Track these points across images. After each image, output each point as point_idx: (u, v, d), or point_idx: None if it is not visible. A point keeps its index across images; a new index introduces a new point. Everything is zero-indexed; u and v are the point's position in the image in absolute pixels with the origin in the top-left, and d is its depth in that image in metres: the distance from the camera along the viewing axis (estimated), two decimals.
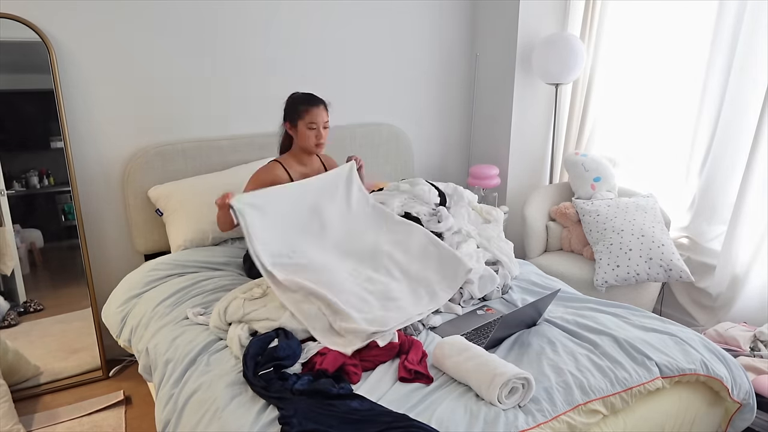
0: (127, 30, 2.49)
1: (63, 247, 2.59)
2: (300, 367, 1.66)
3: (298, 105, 2.21)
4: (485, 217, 2.58)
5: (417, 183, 2.57)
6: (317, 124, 2.19)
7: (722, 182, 2.68)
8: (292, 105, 2.24)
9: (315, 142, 2.21)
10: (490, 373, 1.48)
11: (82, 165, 2.52)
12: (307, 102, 2.20)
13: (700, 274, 2.79)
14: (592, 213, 2.80)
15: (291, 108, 2.24)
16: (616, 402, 1.54)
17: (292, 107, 2.24)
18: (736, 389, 1.75)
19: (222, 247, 2.51)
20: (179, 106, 2.69)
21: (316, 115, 2.19)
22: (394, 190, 2.55)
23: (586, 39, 3.12)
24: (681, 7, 2.74)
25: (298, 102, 2.22)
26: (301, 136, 2.22)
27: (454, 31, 3.42)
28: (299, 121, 2.20)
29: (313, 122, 2.19)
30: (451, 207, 2.52)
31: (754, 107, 2.50)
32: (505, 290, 2.20)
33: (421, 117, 3.46)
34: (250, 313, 1.80)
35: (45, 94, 2.37)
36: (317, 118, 2.19)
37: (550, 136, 3.48)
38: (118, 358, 2.72)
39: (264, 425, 1.40)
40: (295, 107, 2.22)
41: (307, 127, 2.19)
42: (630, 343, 1.71)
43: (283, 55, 2.89)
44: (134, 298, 2.22)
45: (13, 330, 2.49)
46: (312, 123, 2.19)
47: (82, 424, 2.26)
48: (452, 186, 2.62)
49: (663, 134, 2.94)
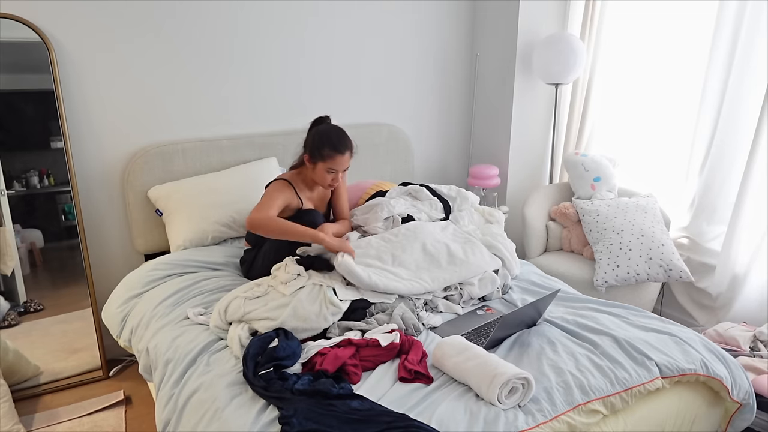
0: (128, 30, 2.49)
1: (63, 247, 2.59)
2: (300, 367, 1.66)
3: (324, 147, 2.07)
4: (487, 218, 2.59)
5: (420, 196, 2.55)
6: (337, 170, 2.11)
7: (722, 182, 2.68)
8: (318, 142, 2.09)
9: (329, 184, 2.14)
10: (490, 373, 1.48)
11: (82, 165, 2.52)
12: (333, 147, 2.07)
13: (700, 274, 2.79)
14: (592, 213, 2.80)
15: (316, 145, 2.10)
16: (616, 402, 1.54)
17: (317, 145, 2.10)
18: (736, 389, 1.75)
19: (221, 246, 2.51)
20: (179, 106, 2.69)
21: (339, 163, 2.09)
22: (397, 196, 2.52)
23: (586, 39, 3.12)
24: (681, 7, 2.74)
25: (325, 143, 2.08)
26: (317, 175, 2.14)
27: (454, 31, 3.42)
28: (320, 162, 2.10)
29: (333, 168, 2.10)
30: (455, 211, 2.53)
31: (754, 107, 2.50)
32: (505, 290, 2.20)
33: (421, 117, 3.46)
34: (250, 313, 1.80)
35: (45, 94, 2.37)
36: (339, 166, 2.10)
37: (550, 136, 3.48)
38: (118, 358, 2.72)
39: (264, 425, 1.40)
40: (320, 147, 2.08)
41: (327, 170, 2.11)
42: (630, 343, 1.71)
43: (284, 55, 2.89)
44: (134, 298, 2.22)
45: (13, 330, 2.49)
46: (332, 168, 2.10)
47: (82, 424, 2.27)
48: (455, 189, 2.61)
49: (663, 134, 2.94)
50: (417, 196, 2.55)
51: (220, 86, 2.77)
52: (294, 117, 3.00)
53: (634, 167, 3.14)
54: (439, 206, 2.51)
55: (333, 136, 2.11)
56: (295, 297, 1.82)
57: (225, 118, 2.82)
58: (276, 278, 1.93)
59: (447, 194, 2.59)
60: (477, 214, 2.58)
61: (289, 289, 1.85)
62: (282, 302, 1.81)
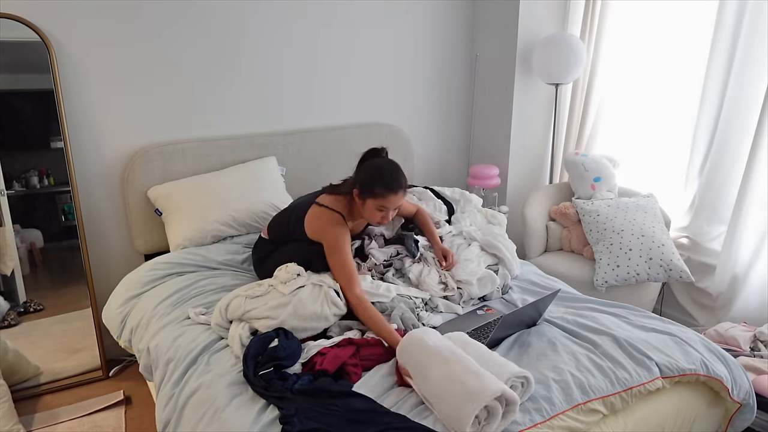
0: (128, 30, 2.49)
1: (63, 247, 2.59)
2: (300, 367, 1.66)
3: (376, 185, 1.93)
4: (490, 219, 2.61)
5: (424, 198, 2.56)
6: (388, 209, 1.97)
7: (722, 182, 2.68)
8: (371, 181, 1.95)
9: (378, 221, 2.01)
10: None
11: (82, 165, 2.52)
12: (387, 186, 1.92)
13: (700, 274, 2.79)
14: (592, 213, 2.80)
15: (369, 182, 1.95)
16: (616, 402, 1.54)
17: (370, 182, 1.95)
18: (736, 389, 1.75)
19: (221, 246, 2.51)
20: (179, 106, 2.69)
21: (392, 203, 1.95)
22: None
23: (586, 39, 3.12)
24: (681, 7, 2.74)
25: (379, 181, 1.93)
26: (366, 211, 2.00)
27: (454, 31, 3.42)
28: (371, 199, 1.95)
29: (384, 206, 1.96)
30: (458, 213, 2.55)
31: (754, 107, 2.50)
32: (505, 290, 2.20)
33: (421, 117, 3.46)
34: (251, 311, 1.80)
35: (45, 94, 2.37)
36: (392, 205, 1.96)
37: (550, 136, 3.48)
38: (118, 358, 2.72)
39: (264, 425, 1.40)
40: (372, 184, 1.94)
41: (377, 208, 1.97)
42: (630, 343, 1.71)
43: (284, 55, 2.89)
44: (134, 298, 2.22)
45: (13, 330, 2.49)
46: (383, 207, 1.96)
47: (82, 424, 2.26)
48: (459, 191, 2.64)
49: (663, 134, 2.94)
50: (421, 198, 2.58)
51: (219, 86, 2.77)
52: (294, 117, 3.00)
53: (634, 167, 3.14)
54: (443, 208, 2.54)
55: (386, 174, 1.95)
56: (295, 296, 1.82)
57: (225, 118, 2.82)
58: (276, 278, 1.93)
59: (450, 197, 2.62)
60: (480, 215, 2.59)
61: (288, 288, 1.85)
62: (282, 301, 1.81)
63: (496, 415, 1.35)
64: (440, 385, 1.41)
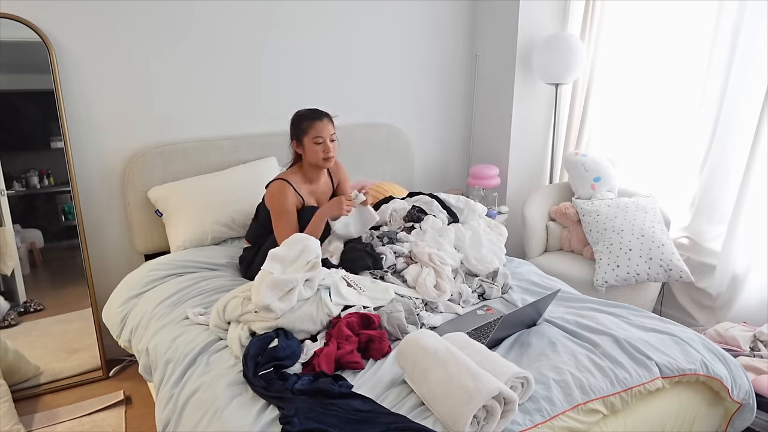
0: (128, 30, 2.49)
1: (63, 247, 2.59)
2: (300, 367, 1.66)
3: (302, 121, 2.18)
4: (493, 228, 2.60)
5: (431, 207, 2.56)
6: (323, 137, 2.16)
7: (722, 182, 2.68)
8: (297, 122, 2.21)
9: (323, 156, 2.18)
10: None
11: (82, 165, 2.52)
12: (310, 117, 2.17)
13: (700, 274, 2.79)
14: (592, 213, 2.80)
15: (296, 125, 2.21)
16: (616, 402, 1.54)
17: (296, 125, 2.21)
18: (736, 389, 1.75)
19: (221, 246, 2.51)
20: (179, 106, 2.69)
21: (321, 129, 2.16)
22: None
23: (586, 39, 3.12)
24: (681, 7, 2.74)
25: (302, 118, 2.19)
26: (308, 152, 2.19)
27: (454, 31, 3.42)
28: (305, 137, 2.18)
29: (318, 136, 2.15)
30: (463, 222, 2.55)
31: (754, 107, 2.50)
32: (505, 290, 2.20)
33: (421, 117, 3.46)
34: (248, 313, 1.80)
35: (45, 94, 2.37)
36: (323, 132, 2.16)
37: (550, 136, 3.48)
38: (118, 358, 2.72)
39: (265, 425, 1.40)
40: (299, 124, 2.19)
41: (314, 142, 2.16)
42: (630, 343, 1.71)
43: (284, 55, 2.89)
44: (134, 298, 2.22)
45: (13, 330, 2.49)
46: (318, 137, 2.15)
47: (82, 424, 2.27)
48: (464, 200, 2.64)
49: (663, 134, 2.94)
50: (429, 207, 2.57)
51: (220, 86, 2.77)
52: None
53: (634, 167, 3.13)
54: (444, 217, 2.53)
55: (307, 111, 2.21)
56: None
57: (225, 118, 2.82)
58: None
59: (455, 205, 2.61)
60: (483, 224, 2.58)
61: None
62: None
63: (495, 414, 1.35)
64: (439, 386, 1.41)
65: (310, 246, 1.88)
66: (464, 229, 2.42)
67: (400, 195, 2.73)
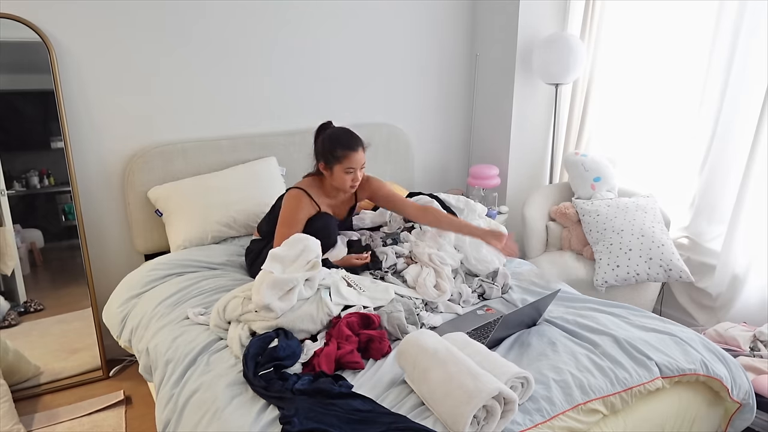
0: (128, 30, 2.49)
1: (63, 247, 2.59)
2: (300, 367, 1.66)
3: (336, 148, 2.05)
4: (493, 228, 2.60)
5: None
6: (355, 168, 2.07)
7: (722, 182, 2.68)
8: (329, 146, 2.07)
9: (350, 185, 2.11)
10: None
11: (82, 165, 2.52)
12: (346, 146, 2.05)
13: (700, 274, 2.79)
14: (592, 213, 2.80)
15: (327, 149, 2.08)
16: (616, 402, 1.54)
17: (328, 148, 2.07)
18: (736, 389, 1.75)
19: (222, 246, 2.51)
20: (179, 106, 2.69)
21: (356, 161, 2.06)
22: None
23: (586, 39, 3.12)
24: (681, 7, 2.74)
25: (336, 144, 2.06)
26: (336, 179, 2.11)
27: (454, 31, 3.42)
28: (336, 164, 2.07)
29: (351, 167, 2.06)
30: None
31: (754, 107, 2.50)
32: (505, 290, 2.20)
33: (421, 117, 3.46)
34: (248, 313, 1.80)
35: (45, 94, 2.37)
36: (357, 163, 2.06)
37: (550, 136, 3.48)
38: (118, 358, 2.72)
39: (265, 425, 1.40)
40: (332, 150, 2.06)
41: (345, 171, 2.07)
42: (630, 343, 1.71)
43: (284, 55, 2.89)
44: (134, 298, 2.22)
45: (13, 330, 2.49)
46: (350, 168, 2.06)
47: (82, 424, 2.27)
48: (464, 200, 2.64)
49: (663, 134, 2.94)
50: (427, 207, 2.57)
51: (220, 86, 2.77)
52: (294, 117, 3.00)
53: (634, 167, 3.13)
54: None
55: (342, 137, 2.09)
56: None
57: (225, 118, 2.82)
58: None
59: (455, 205, 2.61)
60: (483, 224, 2.58)
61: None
62: None
63: (495, 414, 1.35)
64: (439, 386, 1.41)
65: (310, 246, 1.88)
66: None
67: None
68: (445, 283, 2.08)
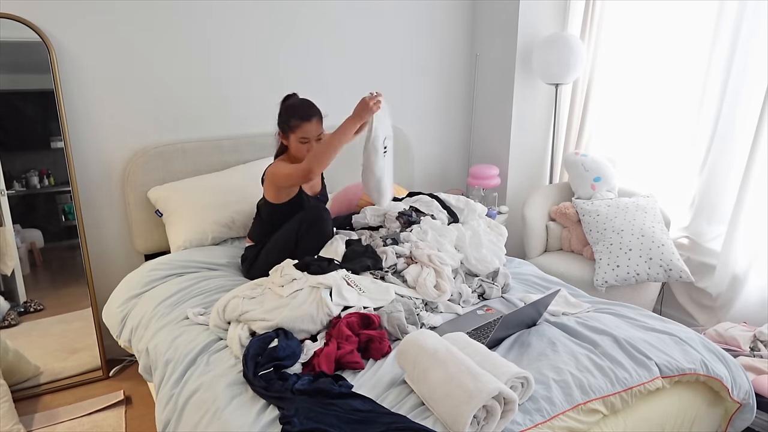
0: (128, 30, 2.49)
1: (63, 247, 2.59)
2: (300, 367, 1.66)
3: (291, 117, 2.14)
4: (493, 229, 2.60)
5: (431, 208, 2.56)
6: (309, 138, 2.14)
7: (722, 182, 2.68)
8: (285, 115, 2.16)
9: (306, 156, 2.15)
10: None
11: (82, 165, 2.52)
12: (299, 116, 2.12)
13: (700, 274, 2.79)
14: (592, 213, 2.80)
15: (284, 118, 2.17)
16: (616, 402, 1.54)
17: (284, 117, 2.16)
18: (736, 389, 1.75)
19: (222, 247, 2.51)
20: (180, 106, 2.69)
21: (309, 131, 2.13)
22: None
23: (586, 39, 3.12)
24: (681, 7, 2.74)
25: (291, 113, 2.14)
26: (293, 148, 2.18)
27: (454, 31, 3.42)
28: (291, 134, 2.15)
29: (305, 137, 2.14)
30: (463, 222, 2.55)
31: (754, 107, 2.50)
32: (505, 290, 2.20)
33: (421, 117, 3.46)
34: (248, 313, 1.80)
35: (45, 94, 2.37)
36: (310, 133, 2.13)
37: (550, 136, 3.48)
38: (118, 358, 2.72)
39: (265, 425, 1.40)
40: (287, 118, 2.15)
41: (299, 141, 2.14)
42: (630, 343, 1.71)
43: (284, 55, 2.89)
44: (134, 298, 2.22)
45: (13, 330, 2.49)
46: (304, 138, 2.14)
47: (82, 424, 2.27)
48: (464, 200, 2.64)
49: (663, 134, 2.94)
50: (428, 207, 2.57)
51: (220, 86, 2.77)
52: None
53: (634, 167, 3.13)
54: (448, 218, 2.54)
55: (300, 107, 2.16)
56: (293, 299, 1.82)
57: (225, 118, 2.82)
58: (272, 281, 1.93)
59: (455, 205, 2.61)
60: (483, 224, 2.58)
61: (286, 291, 1.85)
62: (278, 303, 1.81)
63: (495, 414, 1.35)
64: (438, 386, 1.41)
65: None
66: (464, 229, 2.42)
67: (400, 195, 2.73)
68: (445, 283, 2.08)
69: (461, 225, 2.47)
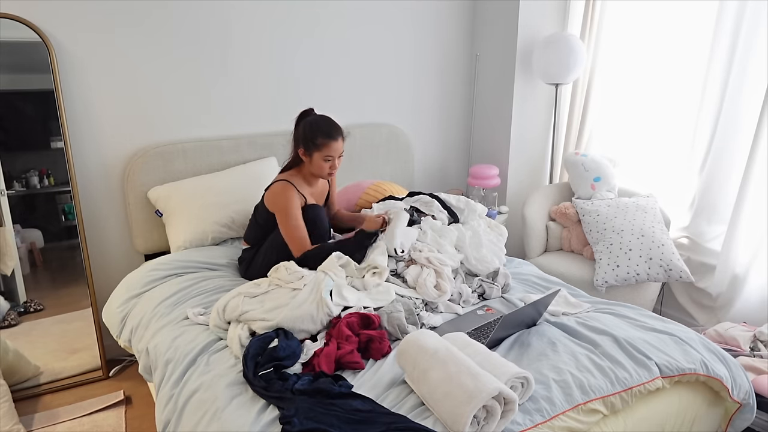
0: (128, 30, 2.49)
1: (63, 247, 2.59)
2: (300, 367, 1.66)
3: (317, 136, 2.13)
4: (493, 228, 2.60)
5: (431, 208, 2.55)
6: (333, 156, 2.16)
7: (722, 182, 2.68)
8: (310, 133, 2.15)
9: (328, 172, 2.20)
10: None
11: (82, 165, 2.52)
12: (326, 135, 2.13)
13: (700, 274, 2.79)
14: (592, 213, 2.80)
15: (308, 136, 2.16)
16: (616, 402, 1.54)
17: (309, 136, 2.15)
18: (736, 389, 1.75)
19: (221, 247, 2.51)
20: (179, 106, 2.69)
21: (335, 149, 2.15)
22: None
23: (586, 39, 3.12)
24: (681, 7, 2.74)
25: (317, 133, 2.14)
26: (315, 166, 2.19)
27: (454, 31, 3.42)
28: (315, 152, 2.15)
29: (330, 155, 2.15)
30: (464, 222, 2.54)
31: (755, 107, 2.50)
32: (505, 290, 2.20)
33: (420, 117, 3.46)
34: (248, 312, 1.80)
35: (45, 94, 2.37)
36: (336, 152, 2.16)
37: (550, 136, 3.48)
38: (118, 358, 2.72)
39: (265, 425, 1.40)
40: (312, 137, 2.14)
41: (323, 159, 2.16)
42: (630, 343, 1.71)
43: (284, 55, 2.89)
44: (134, 298, 2.22)
45: (13, 330, 2.49)
46: (329, 156, 2.15)
47: (82, 424, 2.27)
48: (464, 200, 2.64)
49: (663, 134, 2.94)
50: (428, 207, 2.56)
51: (220, 86, 2.77)
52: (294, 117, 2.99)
53: (634, 167, 3.14)
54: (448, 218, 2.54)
55: (323, 125, 2.17)
56: (293, 299, 1.82)
57: (225, 118, 2.82)
58: (278, 279, 1.93)
59: (455, 205, 2.61)
60: (483, 224, 2.58)
61: (301, 283, 1.86)
62: (278, 303, 1.81)
63: (495, 414, 1.35)
64: (438, 386, 1.41)
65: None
66: (464, 229, 2.42)
67: (400, 195, 2.73)
68: (445, 283, 2.08)
69: (461, 225, 2.47)
